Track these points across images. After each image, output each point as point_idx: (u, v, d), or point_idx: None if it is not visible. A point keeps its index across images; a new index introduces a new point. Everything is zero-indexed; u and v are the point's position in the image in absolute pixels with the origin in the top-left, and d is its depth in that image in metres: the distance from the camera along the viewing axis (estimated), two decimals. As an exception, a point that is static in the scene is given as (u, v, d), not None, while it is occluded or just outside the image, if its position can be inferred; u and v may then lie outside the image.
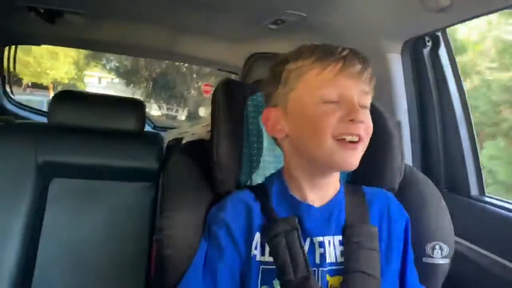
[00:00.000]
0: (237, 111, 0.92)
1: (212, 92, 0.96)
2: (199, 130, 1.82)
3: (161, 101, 9.69)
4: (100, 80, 14.44)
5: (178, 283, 0.81)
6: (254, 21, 1.44)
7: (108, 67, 11.32)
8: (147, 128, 1.94)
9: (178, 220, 0.84)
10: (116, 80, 11.71)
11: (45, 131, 1.38)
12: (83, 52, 8.80)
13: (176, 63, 9.35)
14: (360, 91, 0.76)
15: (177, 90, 9.42)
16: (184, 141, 1.46)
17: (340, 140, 0.74)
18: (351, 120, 0.73)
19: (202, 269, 0.79)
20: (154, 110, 9.61)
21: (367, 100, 0.79)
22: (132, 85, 10.44)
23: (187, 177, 0.90)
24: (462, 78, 1.24)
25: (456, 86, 1.23)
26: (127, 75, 10.39)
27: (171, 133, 2.04)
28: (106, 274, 1.29)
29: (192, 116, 9.18)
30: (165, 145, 1.53)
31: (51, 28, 1.77)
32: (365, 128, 0.76)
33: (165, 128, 2.99)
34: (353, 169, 0.77)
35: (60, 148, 1.35)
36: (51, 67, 8.25)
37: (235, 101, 0.92)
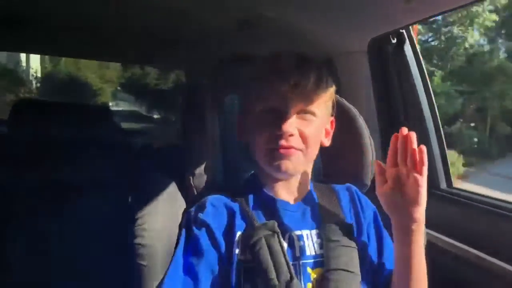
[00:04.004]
0: (209, 114, 0.91)
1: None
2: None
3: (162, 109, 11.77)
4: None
5: None
6: (221, 23, 1.43)
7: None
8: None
9: (152, 229, 0.82)
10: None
11: (6, 143, 1.31)
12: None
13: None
14: (299, 102, 0.81)
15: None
16: (154, 147, 1.43)
17: (272, 150, 0.80)
18: (279, 135, 0.79)
19: (180, 272, 0.78)
20: (155, 114, 11.63)
21: (313, 107, 0.83)
22: (139, 99, 12.51)
23: (158, 185, 0.89)
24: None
25: (422, 83, 1.26)
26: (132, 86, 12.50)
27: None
28: (77, 285, 1.24)
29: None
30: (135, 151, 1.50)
31: (13, 33, 1.70)
32: (302, 139, 0.81)
33: (135, 133, 2.93)
34: (292, 175, 0.84)
35: (22, 161, 1.29)
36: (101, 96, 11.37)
37: (207, 104, 0.91)
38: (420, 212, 0.77)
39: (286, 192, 0.86)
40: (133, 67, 11.95)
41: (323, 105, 0.85)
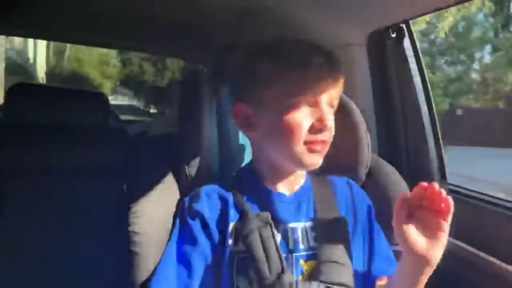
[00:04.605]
0: (205, 103, 0.90)
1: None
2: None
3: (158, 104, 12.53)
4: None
5: (148, 278, 0.80)
6: (218, 10, 1.42)
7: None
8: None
9: (145, 216, 0.82)
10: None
11: (2, 128, 1.30)
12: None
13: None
14: (332, 97, 0.79)
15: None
16: (149, 135, 1.42)
17: (309, 144, 0.77)
18: (321, 129, 0.76)
19: (174, 261, 0.78)
20: (152, 108, 12.44)
21: (337, 100, 0.82)
22: (138, 93, 13.54)
23: (153, 173, 0.88)
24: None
25: (420, 78, 1.26)
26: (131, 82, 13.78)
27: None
28: (71, 273, 1.24)
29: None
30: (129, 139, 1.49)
31: (5, 17, 1.68)
32: (330, 132, 0.79)
33: (130, 121, 2.92)
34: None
35: (18, 146, 1.28)
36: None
37: (203, 93, 0.91)
38: (437, 257, 0.74)
39: (283, 184, 0.85)
40: (131, 65, 13.50)
41: None
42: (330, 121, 0.77)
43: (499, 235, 0.97)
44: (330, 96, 0.78)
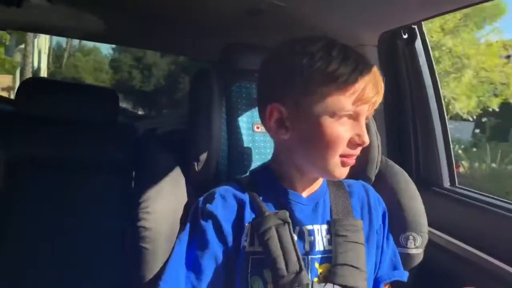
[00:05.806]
0: (215, 100, 0.90)
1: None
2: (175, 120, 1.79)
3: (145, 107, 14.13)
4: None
5: (155, 276, 0.79)
6: (230, 9, 1.42)
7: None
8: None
9: (154, 212, 0.82)
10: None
11: (13, 122, 1.31)
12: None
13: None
14: (371, 111, 0.77)
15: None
16: (159, 132, 1.42)
17: (343, 158, 0.75)
18: (358, 144, 0.75)
19: (183, 263, 0.77)
20: (140, 111, 13.49)
21: (370, 116, 0.81)
22: (128, 96, 14.56)
23: (162, 168, 0.88)
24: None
25: (431, 79, 1.25)
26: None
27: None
28: (78, 269, 1.25)
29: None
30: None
31: (16, 12, 1.68)
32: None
33: (138, 118, 2.93)
34: None
35: (29, 140, 1.28)
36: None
37: (213, 91, 0.90)
38: None
39: (300, 185, 0.83)
40: (122, 71, 15.12)
41: None
42: (367, 137, 0.75)
43: (509, 240, 0.96)
44: (369, 111, 0.77)
